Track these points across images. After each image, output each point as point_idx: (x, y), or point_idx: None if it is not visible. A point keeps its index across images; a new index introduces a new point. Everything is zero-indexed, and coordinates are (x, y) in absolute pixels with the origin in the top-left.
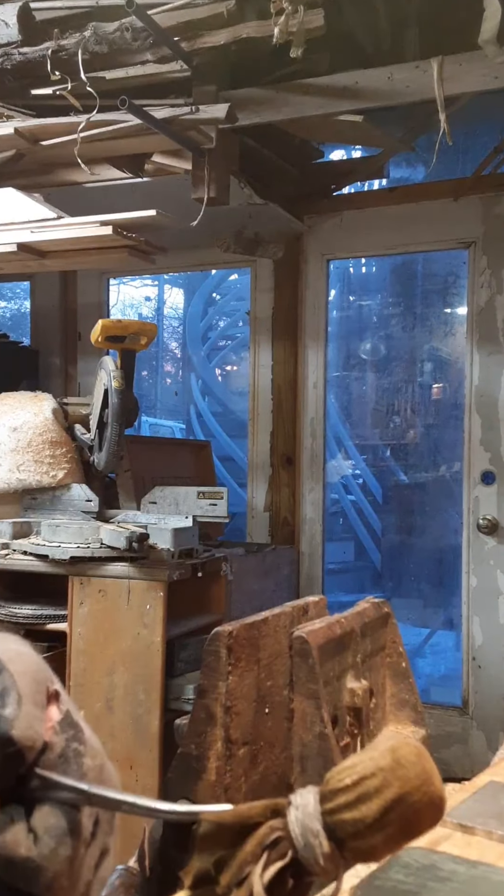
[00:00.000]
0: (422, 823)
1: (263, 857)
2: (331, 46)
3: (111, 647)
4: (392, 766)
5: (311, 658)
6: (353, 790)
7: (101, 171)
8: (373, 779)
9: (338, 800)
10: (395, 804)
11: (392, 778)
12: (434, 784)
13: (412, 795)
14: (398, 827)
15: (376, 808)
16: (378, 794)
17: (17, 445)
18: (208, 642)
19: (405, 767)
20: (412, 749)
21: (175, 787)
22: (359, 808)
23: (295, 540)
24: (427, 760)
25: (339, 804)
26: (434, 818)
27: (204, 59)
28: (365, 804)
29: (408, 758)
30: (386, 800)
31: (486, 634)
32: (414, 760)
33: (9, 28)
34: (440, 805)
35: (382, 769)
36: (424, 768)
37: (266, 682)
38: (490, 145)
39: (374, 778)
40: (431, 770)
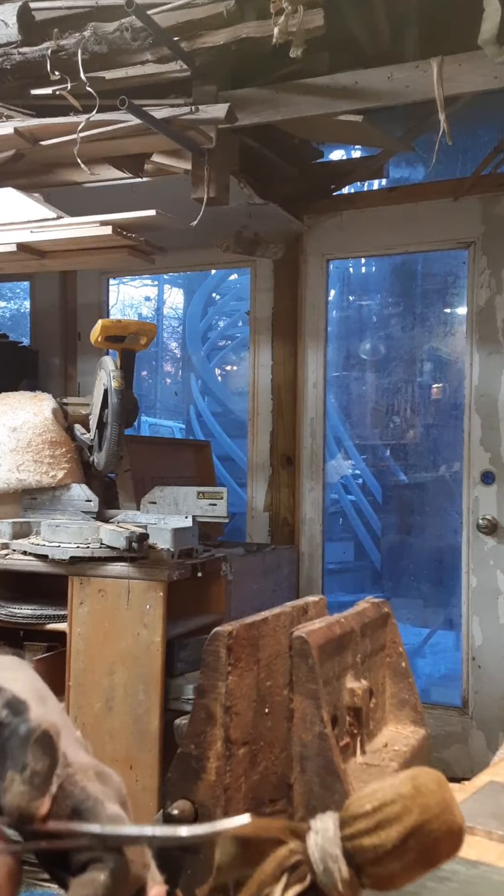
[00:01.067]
0: (441, 852)
1: (283, 879)
2: (331, 46)
3: (111, 647)
4: (412, 794)
5: (310, 658)
6: (373, 816)
7: (101, 171)
8: (393, 805)
9: (357, 825)
10: (414, 831)
11: (412, 805)
12: (453, 813)
13: (431, 823)
14: (417, 855)
15: (396, 834)
16: (398, 821)
17: (17, 445)
18: (208, 642)
19: (425, 795)
20: (432, 777)
21: (175, 787)
22: (378, 834)
23: (295, 540)
24: (447, 790)
25: (359, 830)
26: (453, 847)
27: (204, 59)
28: (384, 830)
29: (428, 786)
30: (406, 827)
31: (485, 634)
32: (434, 789)
33: (8, 28)
34: (459, 834)
35: (402, 796)
36: (444, 797)
37: (266, 682)
38: (490, 145)
39: (394, 805)
40: (451, 799)
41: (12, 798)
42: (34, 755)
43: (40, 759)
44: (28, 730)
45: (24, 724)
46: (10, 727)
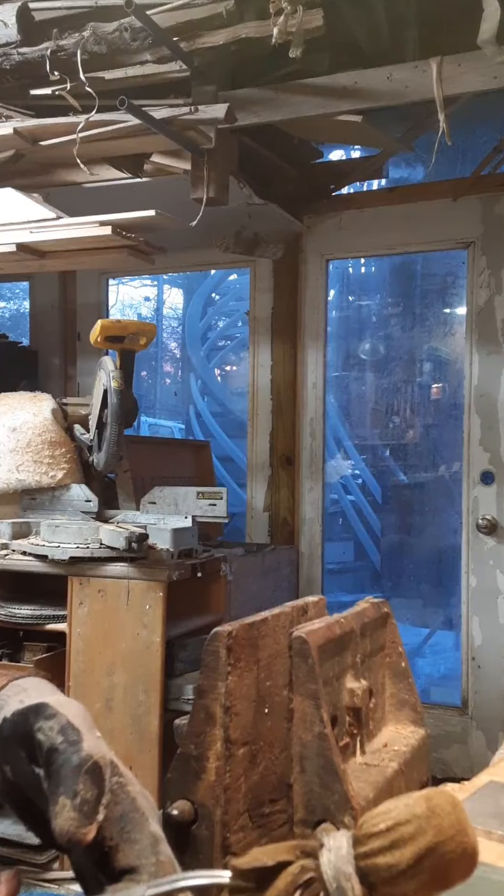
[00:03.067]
0: (454, 874)
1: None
2: (330, 46)
3: (111, 647)
4: (427, 815)
5: (310, 658)
6: (388, 836)
7: (101, 172)
8: (407, 825)
9: (371, 844)
10: (428, 852)
11: (427, 826)
12: (468, 835)
13: (446, 845)
14: (431, 875)
15: (410, 854)
16: (412, 841)
17: (17, 446)
18: (207, 642)
19: (440, 816)
20: (447, 798)
21: (175, 787)
22: (392, 853)
23: (294, 540)
24: (461, 811)
25: (373, 849)
26: (467, 870)
27: (203, 60)
28: (399, 850)
29: (443, 807)
30: (420, 847)
31: (485, 634)
32: (449, 810)
33: (8, 28)
34: (473, 857)
35: (417, 816)
36: (459, 818)
37: (265, 683)
38: (489, 145)
39: (408, 825)
40: (465, 821)
41: (63, 823)
42: (85, 784)
43: (90, 788)
44: (80, 759)
45: (77, 753)
46: (65, 755)
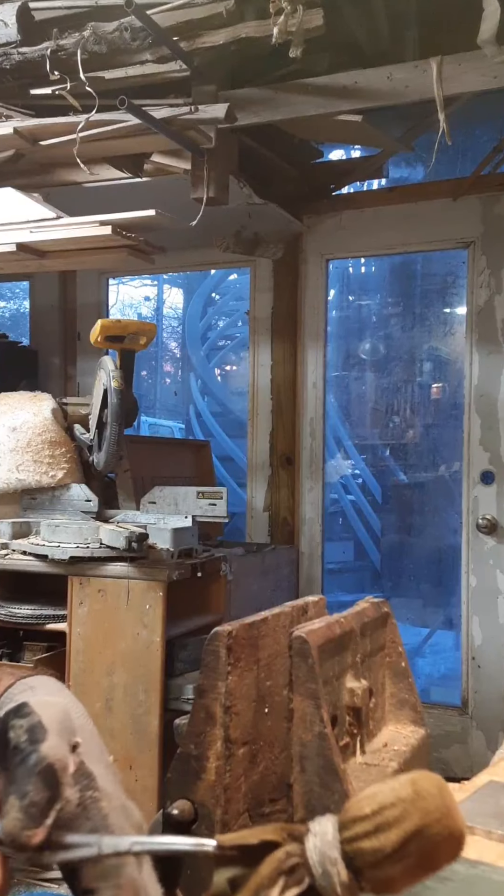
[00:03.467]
0: (441, 857)
1: (280, 882)
2: (330, 46)
3: (111, 647)
4: (412, 798)
5: (310, 658)
6: (373, 819)
7: (101, 171)
8: (392, 809)
9: (357, 828)
10: (414, 835)
11: (412, 809)
12: (454, 818)
13: (432, 828)
14: (417, 859)
15: (395, 838)
16: (398, 825)
17: (17, 445)
18: (208, 642)
19: (425, 799)
20: (433, 781)
21: (175, 786)
22: (378, 837)
23: (294, 540)
24: (447, 794)
25: (358, 833)
26: (453, 852)
27: (203, 59)
28: (384, 834)
29: (428, 790)
30: (405, 830)
31: (485, 634)
32: (434, 793)
33: (8, 28)
34: (460, 839)
35: (403, 800)
36: (445, 802)
37: (265, 682)
38: (489, 145)
39: (393, 808)
40: (452, 804)
41: (8, 823)
42: (35, 786)
43: (41, 790)
44: (35, 760)
45: (35, 753)
46: (24, 753)
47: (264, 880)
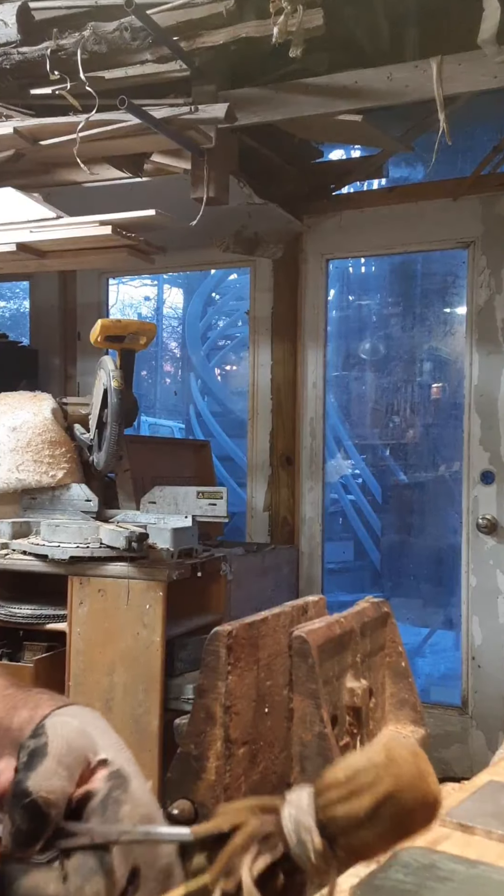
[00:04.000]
0: (414, 822)
1: (253, 849)
2: (330, 46)
3: (111, 646)
4: (385, 763)
5: (310, 658)
6: (346, 785)
7: (101, 171)
8: (366, 774)
9: (330, 795)
10: (386, 800)
11: (385, 774)
12: (427, 782)
13: (405, 793)
14: (390, 824)
15: (368, 803)
16: (370, 790)
17: (17, 445)
18: (208, 642)
19: (399, 764)
20: (407, 747)
21: (175, 786)
22: (351, 802)
23: (294, 540)
24: (422, 760)
25: (332, 799)
26: (427, 817)
27: (203, 59)
28: (357, 799)
29: (402, 755)
30: (378, 795)
31: (485, 634)
32: (408, 758)
33: (8, 28)
34: (433, 804)
35: (376, 765)
36: (418, 766)
37: (266, 682)
38: (489, 145)
39: (367, 773)
40: (426, 769)
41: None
42: (20, 816)
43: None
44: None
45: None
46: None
47: (237, 849)
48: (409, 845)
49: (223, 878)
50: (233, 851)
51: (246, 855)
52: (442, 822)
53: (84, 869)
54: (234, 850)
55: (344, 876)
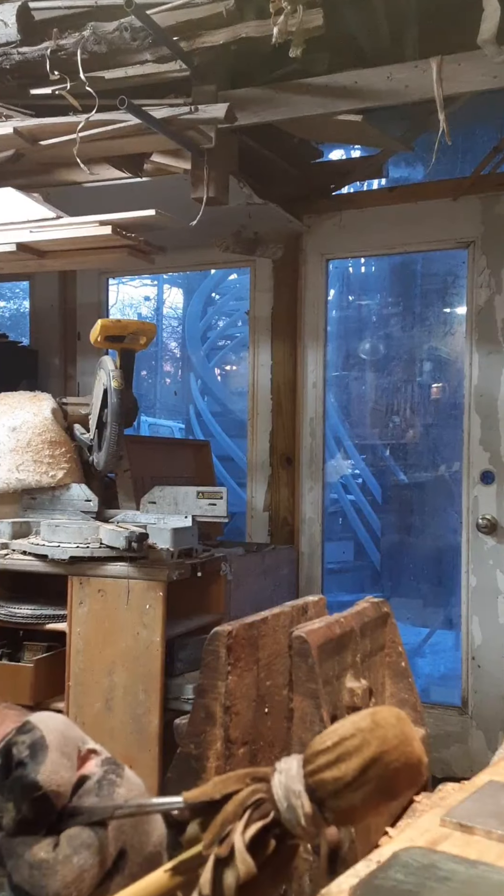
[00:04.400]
0: (400, 783)
1: (245, 816)
2: (330, 46)
3: (111, 646)
4: (371, 727)
5: (310, 658)
6: (334, 750)
7: (101, 171)
8: (352, 739)
9: (319, 761)
10: (372, 762)
11: (371, 738)
12: (412, 746)
13: (390, 755)
14: (376, 786)
15: (355, 766)
16: (357, 753)
17: (17, 445)
18: (208, 642)
19: (384, 728)
20: (392, 712)
21: (174, 786)
22: (338, 766)
23: (294, 540)
24: (406, 724)
25: (320, 764)
26: (412, 780)
27: (203, 59)
28: (344, 763)
29: (387, 719)
30: (364, 758)
31: (485, 634)
32: (393, 722)
33: (8, 28)
34: (418, 766)
35: (361, 730)
36: (403, 730)
37: (265, 682)
38: (489, 145)
39: (353, 738)
40: (410, 733)
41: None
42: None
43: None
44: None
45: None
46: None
47: (229, 815)
48: (409, 845)
49: (216, 844)
50: (225, 819)
51: (238, 822)
52: (442, 822)
53: (76, 841)
54: (227, 818)
55: (344, 876)
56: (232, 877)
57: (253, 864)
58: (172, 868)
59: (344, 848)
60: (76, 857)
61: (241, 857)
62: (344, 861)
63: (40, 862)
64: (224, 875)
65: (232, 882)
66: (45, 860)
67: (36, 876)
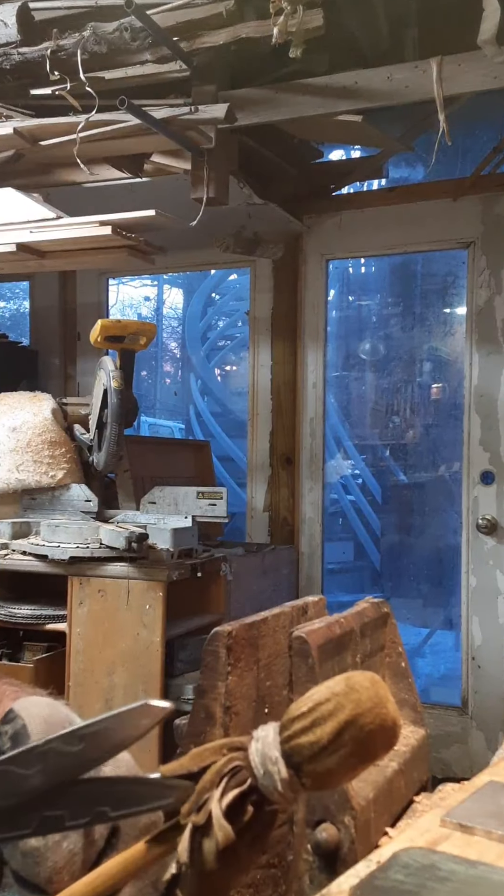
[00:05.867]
0: (375, 745)
1: (222, 784)
2: (330, 46)
3: (111, 647)
4: (345, 691)
5: (310, 658)
6: (309, 716)
7: (101, 171)
8: (327, 704)
9: (294, 726)
10: (347, 725)
11: (345, 701)
12: (386, 707)
13: (364, 717)
14: (352, 748)
15: (330, 729)
16: (332, 717)
17: (17, 445)
18: (207, 642)
19: (358, 692)
20: (366, 676)
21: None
22: (314, 731)
23: (294, 540)
24: (381, 687)
25: (296, 730)
26: (387, 741)
27: (203, 59)
28: (319, 727)
29: (361, 683)
30: (339, 721)
31: (485, 634)
32: (367, 685)
33: (8, 28)
34: (392, 728)
35: (336, 694)
36: (377, 693)
37: (265, 682)
38: (489, 145)
39: (328, 703)
40: (384, 695)
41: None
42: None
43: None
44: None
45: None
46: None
47: (206, 784)
48: (409, 846)
49: (194, 813)
50: (202, 788)
51: (215, 790)
52: (442, 823)
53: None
54: (204, 787)
55: (344, 876)
56: (210, 844)
57: (230, 831)
58: (153, 840)
59: (344, 848)
60: (65, 841)
61: (219, 823)
62: (344, 861)
63: (31, 850)
64: (202, 842)
65: (210, 849)
66: (36, 848)
67: (29, 864)
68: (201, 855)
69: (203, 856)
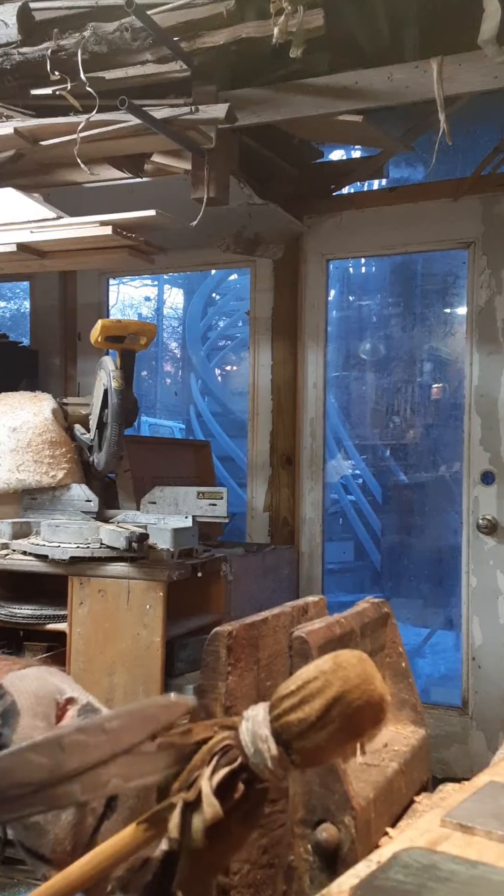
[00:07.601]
0: (363, 721)
1: (213, 762)
2: (330, 46)
3: (111, 647)
4: (333, 668)
5: (310, 658)
6: (298, 693)
7: (101, 171)
8: (315, 681)
9: (283, 704)
10: (335, 702)
11: (333, 678)
12: (374, 684)
13: (352, 693)
14: (340, 724)
15: (318, 706)
16: (320, 694)
17: (17, 445)
18: (208, 642)
19: (345, 668)
20: (353, 654)
21: None
22: (302, 708)
23: (294, 540)
24: (368, 664)
25: (285, 708)
26: (375, 717)
27: (203, 59)
28: (308, 704)
29: (349, 660)
30: (327, 698)
31: (485, 634)
32: (354, 663)
33: (8, 28)
34: (380, 704)
35: (324, 672)
36: (365, 669)
37: (266, 683)
38: (489, 145)
39: (316, 680)
40: (372, 672)
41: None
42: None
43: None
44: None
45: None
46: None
47: (197, 762)
48: (409, 846)
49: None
50: (193, 766)
51: (205, 768)
52: (442, 823)
53: None
54: (195, 765)
55: (344, 876)
56: (199, 820)
57: (219, 808)
58: (146, 820)
59: (344, 848)
60: (64, 813)
61: (208, 800)
62: (344, 861)
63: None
64: (192, 819)
65: (199, 825)
66: (37, 822)
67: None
68: (191, 831)
69: (192, 832)
